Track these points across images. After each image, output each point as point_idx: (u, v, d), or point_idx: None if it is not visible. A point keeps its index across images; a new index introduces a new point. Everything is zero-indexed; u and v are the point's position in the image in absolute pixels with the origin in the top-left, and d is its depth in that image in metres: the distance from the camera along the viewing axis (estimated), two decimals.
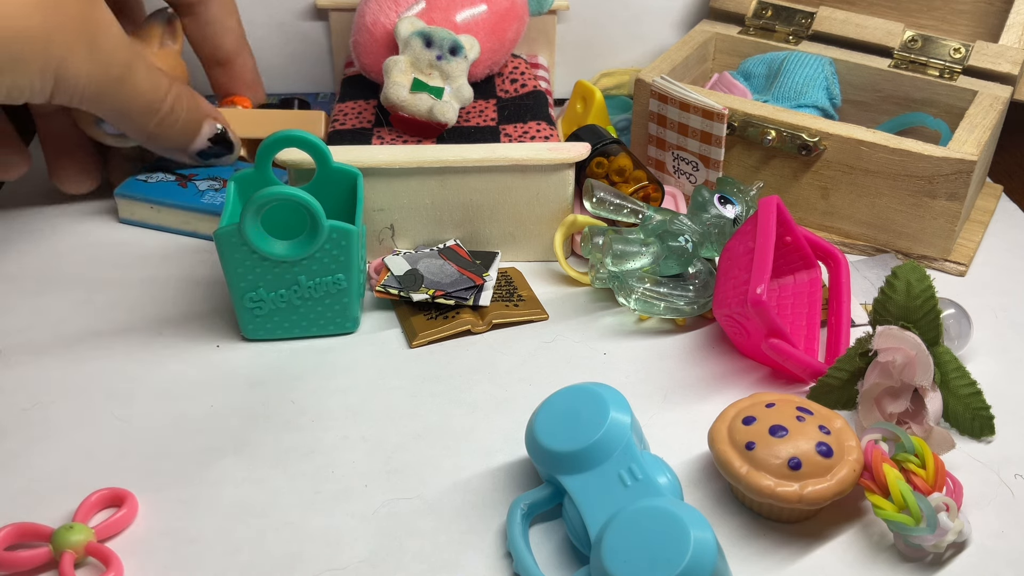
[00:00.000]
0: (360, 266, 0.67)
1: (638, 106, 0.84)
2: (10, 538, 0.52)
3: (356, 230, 0.63)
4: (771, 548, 0.53)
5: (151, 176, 0.82)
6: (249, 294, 0.64)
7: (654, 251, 0.69)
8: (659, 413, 0.62)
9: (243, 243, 0.62)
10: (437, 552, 0.53)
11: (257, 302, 0.65)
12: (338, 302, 0.66)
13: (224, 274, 0.64)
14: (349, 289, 0.65)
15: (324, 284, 0.65)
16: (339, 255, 0.63)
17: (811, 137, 0.76)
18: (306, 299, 0.65)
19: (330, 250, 0.63)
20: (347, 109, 0.82)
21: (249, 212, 0.60)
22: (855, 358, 0.60)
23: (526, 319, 0.70)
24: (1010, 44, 0.82)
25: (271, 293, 0.65)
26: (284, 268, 0.63)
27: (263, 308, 0.65)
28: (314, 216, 0.61)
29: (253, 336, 0.67)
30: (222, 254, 0.63)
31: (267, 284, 0.64)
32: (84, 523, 0.53)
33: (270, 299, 0.65)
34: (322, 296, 0.65)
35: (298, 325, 0.67)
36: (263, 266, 0.63)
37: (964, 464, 0.59)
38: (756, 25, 0.92)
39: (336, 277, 0.64)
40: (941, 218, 0.75)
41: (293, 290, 0.65)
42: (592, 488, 0.51)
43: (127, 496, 0.55)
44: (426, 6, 0.79)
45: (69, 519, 0.54)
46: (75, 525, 0.51)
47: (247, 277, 0.64)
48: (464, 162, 0.71)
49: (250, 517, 0.55)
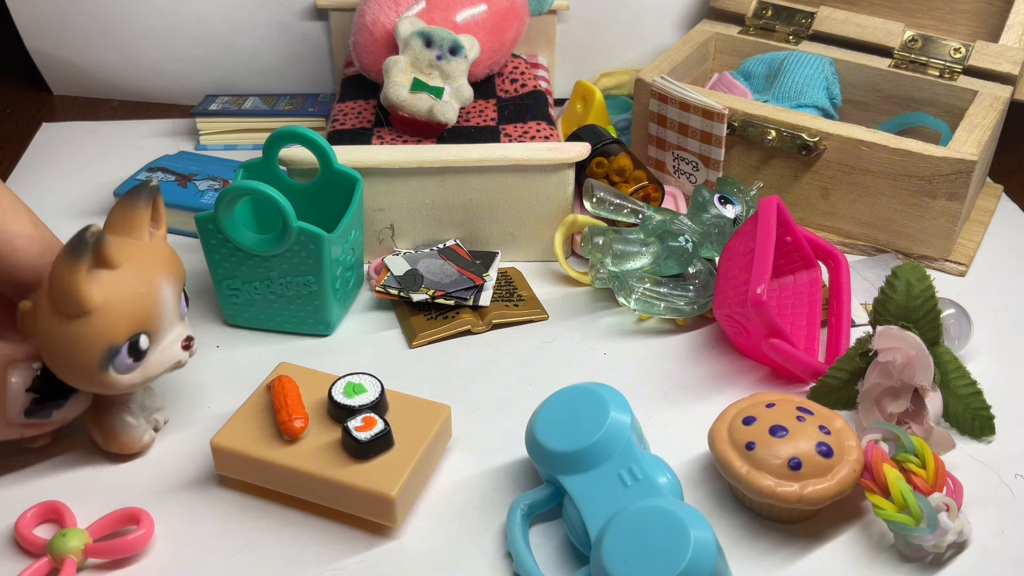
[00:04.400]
0: (337, 272, 0.66)
1: (638, 106, 0.84)
2: None
3: (326, 236, 0.63)
4: (771, 548, 0.53)
5: (151, 176, 0.82)
6: (227, 281, 0.66)
7: (654, 251, 0.69)
8: (659, 413, 0.62)
9: (218, 229, 0.63)
10: (437, 552, 0.53)
11: (234, 290, 0.67)
12: (310, 303, 0.66)
13: (205, 259, 0.66)
14: (320, 292, 0.66)
15: (295, 284, 0.65)
16: (308, 258, 0.64)
17: (811, 137, 0.76)
18: (279, 296, 0.66)
19: (299, 252, 0.63)
20: (347, 109, 0.82)
21: (223, 201, 0.62)
22: (855, 358, 0.60)
23: (526, 319, 0.70)
24: (1010, 44, 0.82)
25: (246, 284, 0.66)
26: (257, 261, 0.64)
27: (239, 297, 0.67)
28: (284, 215, 0.61)
29: (233, 321, 0.69)
30: (202, 238, 0.65)
31: (242, 275, 0.66)
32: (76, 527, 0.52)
33: (245, 289, 0.66)
34: (294, 295, 0.66)
35: (273, 319, 0.68)
36: (237, 256, 0.65)
37: (964, 464, 0.58)
38: (756, 25, 0.92)
39: (306, 279, 0.65)
40: (941, 218, 0.75)
41: (266, 284, 0.66)
42: (592, 488, 0.51)
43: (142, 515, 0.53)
44: (426, 6, 0.79)
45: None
46: (68, 531, 0.51)
47: (224, 264, 0.65)
48: (464, 162, 0.71)
49: (250, 517, 0.55)
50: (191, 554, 0.52)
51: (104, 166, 0.89)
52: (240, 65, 0.99)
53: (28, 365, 0.53)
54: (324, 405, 0.56)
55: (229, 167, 0.86)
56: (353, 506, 0.53)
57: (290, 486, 0.54)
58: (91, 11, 0.96)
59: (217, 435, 0.54)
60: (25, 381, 0.52)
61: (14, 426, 0.53)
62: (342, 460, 0.53)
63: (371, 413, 0.54)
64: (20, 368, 0.52)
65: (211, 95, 0.97)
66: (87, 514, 0.54)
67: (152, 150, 0.91)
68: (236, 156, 0.91)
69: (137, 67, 1.00)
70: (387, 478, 0.52)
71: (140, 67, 1.00)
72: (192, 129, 0.95)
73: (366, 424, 0.53)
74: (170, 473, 0.57)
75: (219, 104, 0.95)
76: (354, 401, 0.54)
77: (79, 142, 0.94)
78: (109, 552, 0.51)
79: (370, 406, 0.54)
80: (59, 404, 0.54)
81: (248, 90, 1.00)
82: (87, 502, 0.55)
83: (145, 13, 0.96)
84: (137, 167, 0.87)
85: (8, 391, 0.52)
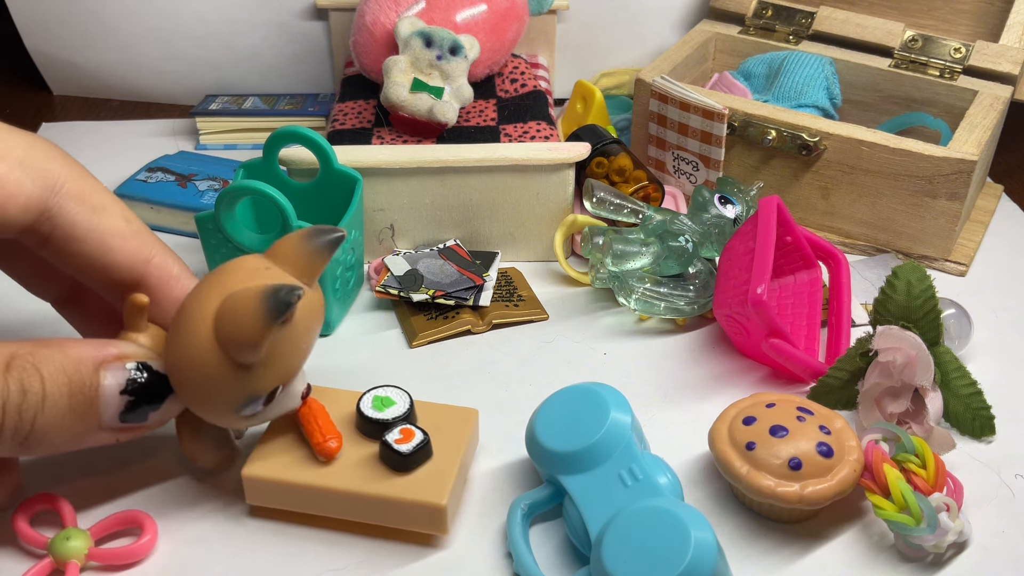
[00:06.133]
0: (337, 272, 0.66)
1: (638, 106, 0.84)
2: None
3: None
4: (771, 548, 0.53)
5: (151, 176, 0.82)
6: None
7: (654, 251, 0.69)
8: (659, 413, 0.62)
9: (218, 229, 0.63)
10: (437, 552, 0.53)
11: None
12: None
13: (205, 259, 0.66)
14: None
15: None
16: None
17: (811, 137, 0.76)
18: None
19: None
20: (347, 109, 0.82)
21: (223, 201, 0.62)
22: (855, 358, 0.60)
23: (526, 319, 0.70)
24: (1010, 44, 0.82)
25: None
26: None
27: None
28: (284, 215, 0.61)
29: None
30: (202, 238, 0.65)
31: None
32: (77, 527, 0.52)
33: None
34: None
35: None
36: (237, 255, 0.64)
37: (964, 464, 0.58)
38: (756, 25, 0.92)
39: None
40: (941, 218, 0.75)
41: None
42: (592, 488, 0.51)
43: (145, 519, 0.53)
44: (426, 6, 0.79)
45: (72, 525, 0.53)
46: (71, 532, 0.51)
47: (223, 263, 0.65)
48: (464, 162, 0.71)
49: (250, 518, 0.55)
50: (191, 554, 0.52)
51: (104, 166, 0.89)
52: (240, 65, 0.99)
53: (121, 366, 0.48)
54: (348, 422, 0.55)
55: (229, 167, 0.86)
56: (400, 520, 0.52)
57: (330, 508, 0.53)
58: (91, 11, 0.96)
59: (247, 466, 0.53)
60: (119, 383, 0.47)
61: (108, 431, 0.48)
62: (383, 475, 0.52)
63: (407, 424, 0.53)
64: (113, 369, 0.47)
65: (211, 95, 0.97)
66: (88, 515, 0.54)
67: (152, 150, 0.91)
68: (236, 156, 0.91)
69: (137, 67, 1.00)
70: (434, 487, 0.51)
71: (140, 67, 1.00)
72: (192, 129, 0.95)
73: (405, 436, 0.52)
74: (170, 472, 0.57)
75: (219, 104, 0.95)
76: (386, 414, 0.54)
77: (79, 142, 0.94)
78: (111, 558, 0.51)
79: (403, 417, 0.54)
80: (156, 406, 0.49)
81: (248, 90, 1.00)
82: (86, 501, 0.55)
83: (145, 13, 0.96)
84: (137, 167, 0.87)
85: (101, 394, 0.47)
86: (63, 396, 0.46)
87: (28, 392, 0.45)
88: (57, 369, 0.46)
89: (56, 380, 0.46)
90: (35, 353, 0.46)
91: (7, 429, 0.45)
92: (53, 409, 0.46)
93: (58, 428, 0.46)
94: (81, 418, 0.47)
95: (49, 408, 0.45)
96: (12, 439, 0.45)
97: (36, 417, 0.45)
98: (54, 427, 0.46)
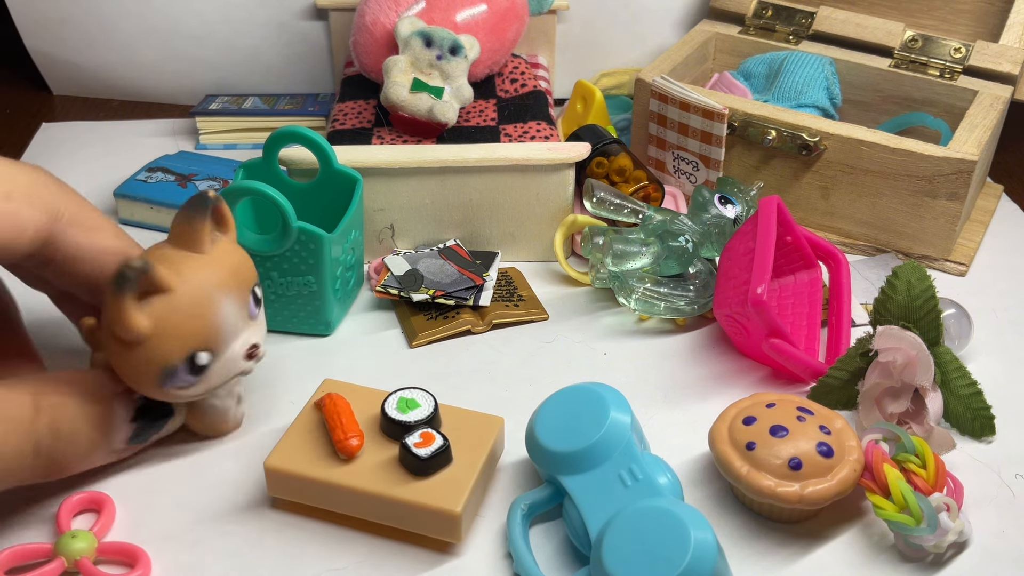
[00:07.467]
0: (337, 272, 0.66)
1: (638, 106, 0.84)
2: (10, 561, 0.50)
3: (327, 237, 0.63)
4: (771, 548, 0.53)
5: (151, 176, 0.82)
6: None
7: (654, 251, 0.69)
8: (659, 413, 0.62)
9: None
10: (437, 552, 0.53)
11: None
12: (310, 303, 0.66)
13: None
14: (320, 293, 0.65)
15: (295, 284, 0.65)
16: (308, 258, 0.64)
17: (811, 137, 0.76)
18: (280, 295, 0.66)
19: (299, 252, 0.63)
20: (347, 109, 0.82)
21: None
22: (855, 358, 0.60)
23: (526, 319, 0.70)
24: (1010, 44, 0.82)
25: None
26: (257, 261, 0.64)
27: None
28: (284, 215, 0.61)
29: None
30: None
31: None
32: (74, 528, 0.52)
33: None
34: (294, 295, 0.66)
35: (273, 319, 0.67)
36: None
37: (965, 464, 0.58)
38: (756, 25, 0.92)
39: (306, 279, 0.65)
40: (941, 218, 0.75)
41: (266, 284, 0.65)
42: (592, 488, 0.51)
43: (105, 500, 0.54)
44: (426, 6, 0.79)
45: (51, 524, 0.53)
46: (77, 532, 0.51)
47: None
48: (464, 162, 0.71)
49: (250, 517, 0.55)
50: (191, 554, 0.52)
51: (104, 166, 0.89)
52: (240, 65, 0.99)
53: (130, 396, 0.53)
54: (373, 422, 0.55)
55: (229, 167, 0.86)
56: (414, 524, 0.52)
57: (347, 506, 0.53)
58: (91, 11, 0.96)
59: (270, 457, 0.53)
60: (128, 413, 0.54)
61: (115, 452, 0.54)
62: (402, 477, 0.52)
63: (428, 428, 0.53)
64: (123, 400, 0.53)
65: (211, 95, 0.97)
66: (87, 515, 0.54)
67: (152, 150, 0.91)
68: (236, 156, 0.91)
69: (137, 67, 1.00)
70: (450, 494, 0.51)
71: (140, 67, 1.00)
72: (192, 129, 0.95)
73: (425, 440, 0.52)
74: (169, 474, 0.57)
75: (219, 104, 0.95)
76: (409, 417, 0.53)
77: (79, 142, 0.94)
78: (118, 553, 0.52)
79: (426, 421, 0.54)
80: (158, 428, 0.56)
81: (248, 90, 1.00)
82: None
83: (145, 13, 0.96)
84: (137, 167, 0.86)
85: (113, 423, 0.53)
86: (85, 432, 0.51)
87: (59, 433, 0.50)
88: (79, 407, 0.51)
89: (80, 417, 0.51)
90: (59, 391, 0.50)
91: (39, 468, 0.50)
92: (77, 445, 0.51)
93: (77, 459, 0.52)
94: (97, 447, 0.53)
95: (74, 444, 0.51)
96: (40, 475, 0.51)
97: (64, 454, 0.51)
98: (75, 459, 0.52)
